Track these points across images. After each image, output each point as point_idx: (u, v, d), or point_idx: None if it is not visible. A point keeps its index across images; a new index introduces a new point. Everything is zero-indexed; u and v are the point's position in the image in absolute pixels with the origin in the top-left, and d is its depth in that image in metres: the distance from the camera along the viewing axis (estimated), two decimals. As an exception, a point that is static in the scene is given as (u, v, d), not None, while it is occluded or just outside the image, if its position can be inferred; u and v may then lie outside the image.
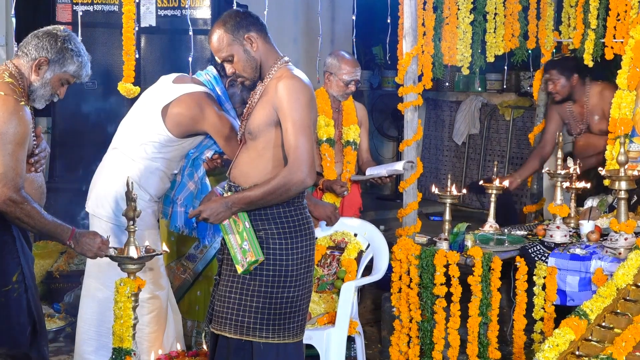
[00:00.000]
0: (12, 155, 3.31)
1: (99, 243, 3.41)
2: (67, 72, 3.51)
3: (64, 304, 5.64)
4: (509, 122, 8.20)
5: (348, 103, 5.17)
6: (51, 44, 3.47)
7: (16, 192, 3.31)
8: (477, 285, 4.30)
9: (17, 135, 3.32)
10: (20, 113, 3.34)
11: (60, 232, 3.41)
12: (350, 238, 4.66)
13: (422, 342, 4.48)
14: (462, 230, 4.51)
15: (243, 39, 3.32)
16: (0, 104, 3.32)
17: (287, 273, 3.29)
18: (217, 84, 4.20)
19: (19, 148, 3.33)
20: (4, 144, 3.30)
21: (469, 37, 5.65)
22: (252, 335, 3.30)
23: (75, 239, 3.41)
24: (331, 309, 4.39)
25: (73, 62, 3.51)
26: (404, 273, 4.52)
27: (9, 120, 3.31)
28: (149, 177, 4.09)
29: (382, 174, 5.03)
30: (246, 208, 3.28)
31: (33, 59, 3.46)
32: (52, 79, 3.49)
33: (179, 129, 4.04)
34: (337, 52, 5.13)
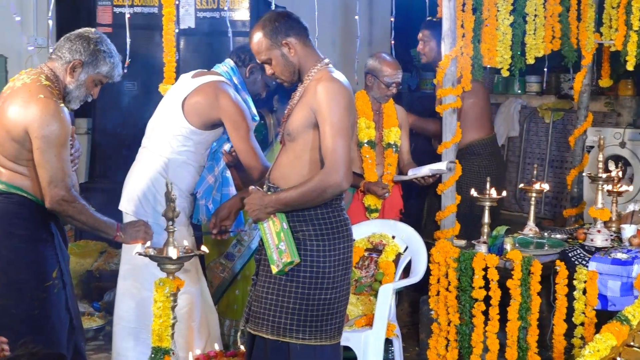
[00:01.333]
0: (58, 157, 3.42)
1: (143, 226, 3.65)
2: (100, 73, 3.61)
3: (103, 303, 5.69)
4: (548, 124, 8.12)
5: (389, 105, 5.15)
6: (84, 46, 3.56)
7: (67, 191, 3.43)
8: (516, 289, 4.26)
9: (61, 137, 3.42)
10: (61, 115, 3.43)
11: (108, 227, 3.59)
12: (388, 240, 4.65)
13: (460, 346, 4.45)
14: (501, 233, 4.48)
15: (281, 44, 3.32)
16: (42, 107, 3.40)
17: (325, 275, 3.28)
18: (234, 74, 4.28)
19: (63, 149, 3.44)
20: (49, 146, 3.40)
21: (509, 38, 5.60)
22: (289, 336, 3.29)
23: (122, 231, 3.61)
24: (369, 311, 4.38)
25: (106, 63, 3.61)
26: (442, 276, 4.49)
27: (52, 122, 3.40)
28: (177, 172, 4.12)
29: (425, 174, 5.01)
30: (282, 209, 3.27)
31: (67, 61, 3.56)
32: (86, 80, 3.59)
33: (197, 119, 4.08)
34: (378, 54, 5.12)
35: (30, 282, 3.51)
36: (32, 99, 3.43)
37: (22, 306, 3.49)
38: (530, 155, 8.33)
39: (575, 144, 6.22)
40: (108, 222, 3.60)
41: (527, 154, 8.37)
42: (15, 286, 3.50)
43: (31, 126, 3.40)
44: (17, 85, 3.50)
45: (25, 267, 3.51)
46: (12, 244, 3.51)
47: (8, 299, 3.49)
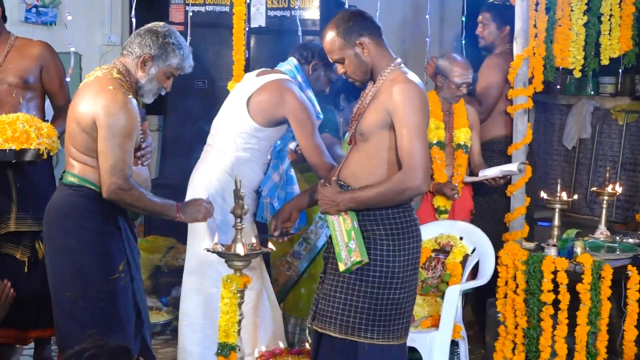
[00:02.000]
0: (120, 147, 3.47)
1: (205, 204, 3.68)
2: (171, 65, 3.65)
3: (171, 298, 5.76)
4: (622, 126, 7.97)
5: (459, 106, 5.11)
6: (153, 40, 3.61)
7: (125, 180, 3.47)
8: (586, 293, 4.20)
9: (126, 128, 3.47)
10: (128, 106, 3.49)
11: (168, 209, 3.63)
12: (456, 241, 4.61)
13: (527, 350, 4.40)
14: (571, 236, 4.41)
15: (355, 44, 3.31)
16: (110, 98, 3.47)
17: (394, 275, 3.27)
18: (298, 72, 4.30)
19: (127, 140, 3.49)
20: (113, 135, 3.46)
21: (582, 39, 5.52)
22: (357, 335, 3.29)
23: (182, 211, 3.64)
24: (435, 312, 4.36)
25: (175, 56, 3.64)
26: (510, 278, 4.44)
27: (118, 112, 3.46)
28: (241, 169, 4.15)
29: (496, 175, 4.97)
30: (355, 208, 3.27)
31: (138, 56, 3.61)
32: (157, 73, 3.64)
33: (262, 116, 4.12)
34: (448, 54, 5.08)
35: (97, 274, 3.57)
36: (102, 90, 3.50)
37: (89, 298, 3.55)
38: (602, 158, 8.18)
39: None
40: (167, 204, 3.65)
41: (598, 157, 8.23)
42: (82, 278, 3.57)
43: (98, 116, 3.47)
44: (90, 80, 3.59)
45: (92, 260, 3.58)
46: (81, 237, 3.58)
47: (76, 290, 3.57)
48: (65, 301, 3.58)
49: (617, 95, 8.05)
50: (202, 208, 3.68)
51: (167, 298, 5.81)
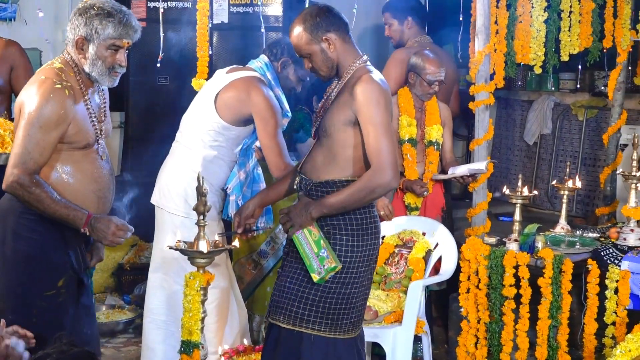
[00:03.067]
0: (31, 137, 3.24)
1: (114, 229, 3.32)
2: (107, 37, 3.36)
3: (134, 296, 5.73)
4: (582, 122, 8.05)
5: (431, 103, 5.14)
6: (79, 20, 3.36)
7: (26, 174, 3.23)
8: (547, 287, 4.24)
9: (42, 118, 3.25)
10: (51, 96, 3.27)
11: (74, 218, 3.30)
12: (419, 237, 4.64)
13: (489, 344, 4.43)
14: (532, 231, 4.44)
15: (321, 39, 3.32)
16: (37, 87, 3.28)
17: (348, 269, 3.29)
18: (268, 69, 4.27)
19: (41, 132, 3.26)
20: (27, 123, 3.25)
21: (543, 35, 5.56)
22: (304, 326, 3.31)
23: (90, 226, 3.31)
24: (398, 307, 4.37)
25: (105, 25, 3.35)
26: (473, 273, 4.47)
27: (38, 100, 3.26)
28: (208, 167, 4.14)
29: (464, 173, 5.00)
30: (327, 213, 3.27)
31: (72, 42, 3.40)
32: (97, 52, 3.37)
33: (229, 114, 4.10)
34: (421, 51, 5.10)
35: (31, 288, 3.34)
36: (34, 79, 3.33)
37: (18, 314, 3.27)
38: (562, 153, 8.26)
39: (609, 142, 6.16)
40: (76, 212, 3.29)
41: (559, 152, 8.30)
42: (13, 291, 3.34)
43: (22, 104, 3.30)
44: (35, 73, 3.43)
45: (27, 272, 3.34)
46: (17, 246, 3.35)
47: (4, 303, 3.35)
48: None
49: (577, 91, 8.13)
50: (111, 232, 3.33)
51: (129, 296, 5.77)
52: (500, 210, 7.67)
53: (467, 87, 5.53)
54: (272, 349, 3.39)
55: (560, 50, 5.68)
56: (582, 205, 7.83)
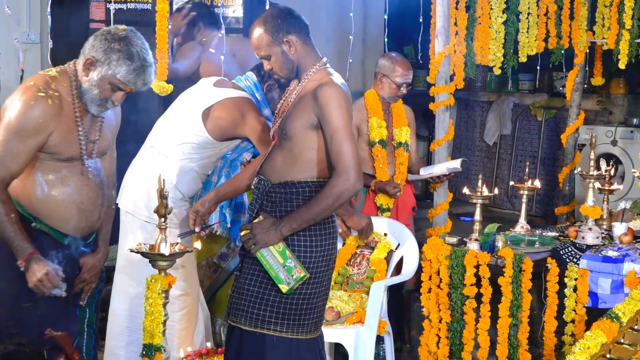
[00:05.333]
0: (8, 144, 3.16)
1: (41, 277, 3.19)
2: (115, 75, 3.29)
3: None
4: (541, 122, 8.14)
5: (398, 105, 5.15)
6: (102, 43, 3.26)
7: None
8: (507, 286, 4.27)
9: (21, 126, 3.16)
10: (32, 103, 3.19)
11: (17, 246, 3.19)
12: (380, 237, 4.64)
13: (451, 343, 4.45)
14: (493, 231, 4.48)
15: (282, 41, 3.31)
16: (21, 93, 3.21)
17: (308, 270, 3.28)
18: (257, 90, 4.22)
19: (15, 138, 3.16)
20: (5, 130, 3.17)
21: (502, 37, 5.62)
22: (265, 328, 3.29)
23: (27, 262, 3.20)
24: (360, 308, 4.38)
25: (121, 65, 3.27)
26: (434, 273, 4.49)
27: (17, 105, 3.17)
28: (182, 177, 4.10)
29: (441, 172, 5.03)
30: (297, 228, 3.25)
31: (84, 58, 3.30)
32: (99, 80, 3.29)
33: (219, 132, 4.06)
34: (389, 54, 5.10)
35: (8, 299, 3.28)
36: (22, 85, 3.25)
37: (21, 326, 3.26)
38: (522, 153, 8.35)
39: (567, 142, 6.24)
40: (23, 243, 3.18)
41: (519, 152, 8.39)
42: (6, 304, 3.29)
43: (6, 110, 3.21)
44: None
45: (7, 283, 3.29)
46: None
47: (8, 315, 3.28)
48: None
49: (535, 92, 8.23)
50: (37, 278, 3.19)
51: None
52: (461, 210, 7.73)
53: (427, 88, 5.57)
54: (236, 351, 3.38)
55: (519, 52, 5.74)
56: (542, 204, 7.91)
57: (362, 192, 5.04)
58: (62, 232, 3.40)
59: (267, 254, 3.24)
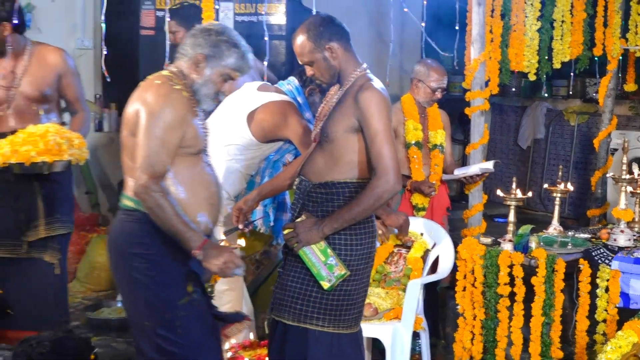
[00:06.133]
0: (159, 139, 3.07)
1: (225, 258, 3.11)
2: (227, 66, 3.22)
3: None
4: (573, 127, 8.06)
5: (433, 109, 5.16)
6: (205, 39, 3.21)
7: (154, 179, 3.06)
8: (540, 285, 4.23)
9: (167, 119, 3.08)
10: (173, 96, 3.12)
11: (190, 237, 3.08)
12: (417, 237, 4.63)
13: (485, 340, 4.42)
14: (526, 232, 4.44)
15: (324, 48, 3.32)
16: (154, 90, 3.13)
17: (349, 267, 3.29)
18: (299, 94, 4.25)
19: (168, 133, 3.09)
20: (152, 127, 3.07)
21: (536, 44, 5.57)
22: (309, 322, 3.30)
23: (204, 250, 3.09)
24: (397, 304, 4.37)
25: (231, 55, 3.22)
26: (469, 272, 4.47)
27: (160, 102, 3.09)
28: (228, 177, 4.13)
29: (474, 172, 5.03)
30: (338, 228, 3.26)
31: (190, 57, 3.22)
32: (212, 75, 3.22)
33: (262, 134, 4.09)
34: (425, 60, 5.13)
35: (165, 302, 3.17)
36: (147, 86, 3.17)
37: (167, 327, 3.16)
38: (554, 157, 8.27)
39: (600, 147, 6.16)
40: (194, 233, 3.09)
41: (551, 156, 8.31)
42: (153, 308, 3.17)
43: (140, 109, 3.10)
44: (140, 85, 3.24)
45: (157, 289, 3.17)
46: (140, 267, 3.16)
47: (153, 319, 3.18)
48: (147, 330, 3.19)
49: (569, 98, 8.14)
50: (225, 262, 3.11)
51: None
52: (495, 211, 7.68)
53: (463, 94, 5.54)
54: (279, 344, 3.39)
55: (552, 58, 5.69)
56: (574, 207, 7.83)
57: (399, 193, 5.04)
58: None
59: (310, 252, 3.25)
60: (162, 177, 3.09)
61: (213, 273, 3.17)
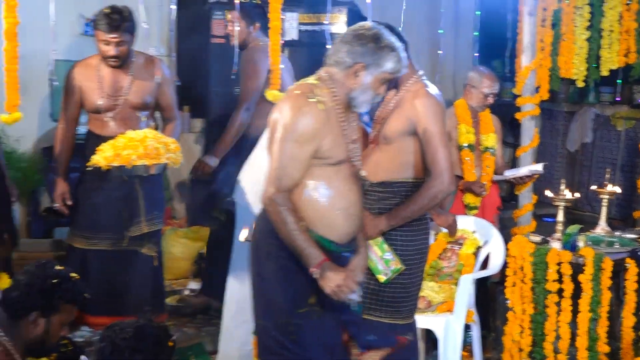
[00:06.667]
0: (288, 152, 2.91)
1: (339, 282, 2.88)
2: (386, 70, 3.00)
3: (212, 283, 5.78)
4: (620, 132, 7.91)
5: (485, 114, 5.16)
6: (364, 47, 2.97)
7: (280, 192, 2.91)
8: (588, 283, 4.16)
9: (298, 133, 2.90)
10: (305, 109, 2.91)
11: (309, 254, 2.90)
12: (469, 234, 4.60)
13: (533, 334, 4.37)
14: (574, 231, 4.38)
15: None
16: (290, 102, 2.96)
17: (405, 262, 3.29)
18: None
19: (296, 146, 2.91)
20: (283, 139, 2.91)
21: (585, 52, 5.51)
22: (367, 314, 3.34)
23: (322, 269, 2.89)
24: (450, 298, 4.34)
25: (390, 59, 2.99)
26: (518, 269, 4.42)
27: (293, 116, 2.90)
28: None
29: (524, 174, 5.00)
30: (395, 225, 3.30)
31: (348, 66, 2.98)
32: (372, 82, 3.00)
33: None
34: (478, 68, 5.18)
35: (285, 305, 3.03)
36: (288, 95, 3.03)
37: (280, 330, 3.04)
38: (601, 160, 8.13)
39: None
40: (314, 251, 2.90)
41: (598, 159, 8.17)
42: (272, 308, 3.06)
43: (278, 119, 2.96)
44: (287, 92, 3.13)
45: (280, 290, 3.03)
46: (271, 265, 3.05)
47: (268, 320, 3.09)
48: (264, 328, 3.12)
49: (616, 104, 7.99)
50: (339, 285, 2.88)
51: (208, 282, 5.82)
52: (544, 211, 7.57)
53: (514, 99, 5.50)
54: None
55: (600, 66, 5.60)
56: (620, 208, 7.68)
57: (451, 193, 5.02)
58: (329, 238, 3.03)
59: (367, 246, 3.25)
60: (289, 190, 2.92)
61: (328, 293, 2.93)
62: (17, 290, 2.83)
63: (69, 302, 2.91)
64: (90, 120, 4.53)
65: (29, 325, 2.84)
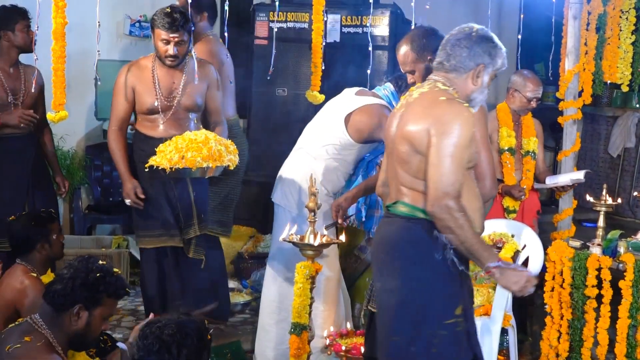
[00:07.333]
0: (453, 158, 2.84)
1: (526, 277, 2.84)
2: (497, 68, 3.03)
3: (250, 281, 5.80)
4: (664, 137, 7.76)
5: (527, 117, 5.09)
6: (482, 47, 2.97)
7: (453, 198, 2.83)
8: (628, 289, 4.09)
9: (460, 138, 2.85)
10: (465, 114, 2.88)
11: (489, 255, 2.86)
12: (508, 238, 4.54)
13: (571, 339, 4.30)
14: (615, 237, 4.30)
15: (426, 59, 3.33)
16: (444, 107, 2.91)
17: None
18: (394, 99, 4.26)
19: (461, 152, 2.86)
20: (446, 145, 2.85)
21: (630, 56, 5.41)
22: None
23: (500, 268, 2.83)
24: (487, 301, 4.29)
25: (500, 57, 3.01)
26: (557, 273, 4.36)
27: (453, 121, 2.86)
28: (328, 175, 4.16)
29: (565, 183, 4.93)
30: None
31: (470, 68, 2.98)
32: (487, 80, 3.03)
33: (358, 135, 4.10)
34: (521, 71, 5.05)
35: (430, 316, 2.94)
36: (433, 103, 2.93)
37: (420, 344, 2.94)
38: (645, 166, 7.98)
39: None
40: (490, 250, 2.91)
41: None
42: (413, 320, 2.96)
43: (431, 128, 2.87)
44: (414, 98, 3.02)
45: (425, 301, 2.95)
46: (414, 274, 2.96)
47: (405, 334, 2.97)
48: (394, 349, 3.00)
49: (660, 109, 7.83)
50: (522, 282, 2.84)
51: (247, 281, 5.85)
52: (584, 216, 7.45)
53: (556, 103, 5.42)
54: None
55: (646, 71, 5.50)
56: (663, 214, 7.53)
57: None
58: None
59: None
60: (460, 195, 2.86)
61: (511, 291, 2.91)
62: (61, 283, 2.87)
63: (111, 296, 2.94)
64: (139, 121, 4.47)
65: (72, 318, 2.87)
